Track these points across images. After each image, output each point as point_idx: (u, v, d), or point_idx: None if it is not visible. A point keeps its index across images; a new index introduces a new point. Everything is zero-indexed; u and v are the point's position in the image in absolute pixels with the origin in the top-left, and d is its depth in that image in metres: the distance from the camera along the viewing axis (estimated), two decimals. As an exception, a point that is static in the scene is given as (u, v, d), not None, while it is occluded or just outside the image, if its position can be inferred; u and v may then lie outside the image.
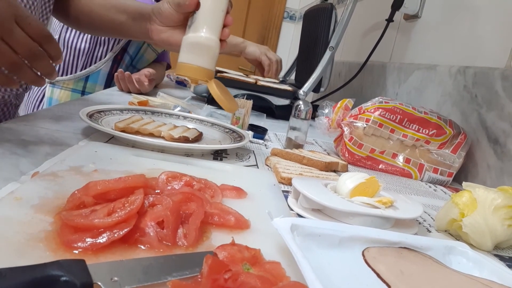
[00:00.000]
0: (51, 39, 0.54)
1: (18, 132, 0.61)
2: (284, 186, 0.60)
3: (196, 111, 1.01)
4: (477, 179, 0.81)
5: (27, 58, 0.52)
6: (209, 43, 0.65)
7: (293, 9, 3.22)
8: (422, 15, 1.19)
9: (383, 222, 0.48)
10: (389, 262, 0.38)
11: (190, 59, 0.65)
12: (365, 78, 1.45)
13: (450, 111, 0.92)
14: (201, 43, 0.65)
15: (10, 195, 0.38)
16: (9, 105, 0.90)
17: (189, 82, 0.69)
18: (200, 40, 0.65)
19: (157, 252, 0.33)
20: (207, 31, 0.65)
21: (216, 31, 0.66)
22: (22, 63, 0.52)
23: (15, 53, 0.51)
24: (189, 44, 0.65)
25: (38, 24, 0.52)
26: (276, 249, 0.37)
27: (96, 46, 1.37)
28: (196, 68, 0.65)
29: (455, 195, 0.52)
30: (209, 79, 0.66)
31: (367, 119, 0.81)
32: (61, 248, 0.31)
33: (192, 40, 0.65)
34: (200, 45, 0.65)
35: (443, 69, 0.98)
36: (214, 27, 0.66)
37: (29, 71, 0.53)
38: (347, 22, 1.12)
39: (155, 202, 0.37)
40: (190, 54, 0.65)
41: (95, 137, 0.65)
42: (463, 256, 0.42)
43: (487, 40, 0.87)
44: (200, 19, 0.66)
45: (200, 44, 0.65)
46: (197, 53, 0.65)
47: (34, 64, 0.53)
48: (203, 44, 0.65)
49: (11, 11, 0.50)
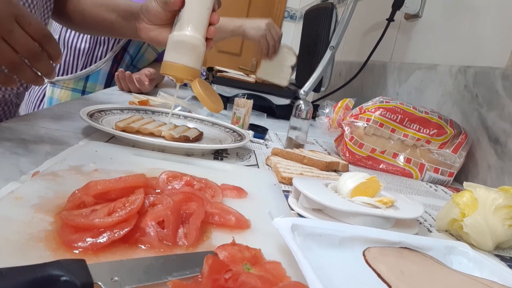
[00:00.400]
0: (51, 38, 0.54)
1: (19, 132, 0.61)
2: (285, 186, 0.60)
3: (196, 110, 1.01)
4: (477, 179, 0.81)
5: (27, 58, 0.52)
6: (193, 42, 0.64)
7: (294, 9, 3.22)
8: (422, 14, 1.19)
9: (383, 222, 0.48)
10: (390, 262, 0.38)
11: (174, 58, 0.64)
12: (365, 77, 1.45)
13: (450, 110, 0.92)
14: (186, 42, 0.64)
15: (10, 194, 0.37)
16: (10, 104, 0.90)
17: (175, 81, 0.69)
18: (184, 39, 0.64)
19: (158, 252, 0.33)
20: (192, 29, 0.65)
21: (201, 30, 0.66)
22: (22, 62, 0.52)
23: (15, 53, 0.51)
24: (174, 43, 0.65)
25: (39, 23, 0.52)
26: (277, 249, 0.37)
27: (96, 46, 1.37)
28: (180, 67, 0.64)
29: (456, 195, 0.52)
30: (193, 78, 0.65)
31: (367, 119, 0.81)
32: (61, 248, 0.31)
33: (176, 38, 0.65)
34: (185, 43, 0.64)
35: (444, 69, 0.98)
36: (199, 25, 0.65)
37: (29, 71, 0.53)
38: (347, 21, 1.12)
39: (156, 202, 0.37)
40: (174, 52, 0.65)
41: (96, 137, 0.65)
42: (464, 256, 0.42)
43: (488, 40, 0.87)
44: (185, 17, 0.65)
45: (184, 42, 0.64)
46: (181, 52, 0.64)
47: (34, 63, 0.53)
48: (187, 43, 0.64)
49: (11, 10, 0.50)
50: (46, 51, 0.54)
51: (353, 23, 1.18)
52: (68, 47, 1.37)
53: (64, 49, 1.38)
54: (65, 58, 1.38)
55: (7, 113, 0.90)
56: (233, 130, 0.82)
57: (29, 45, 0.52)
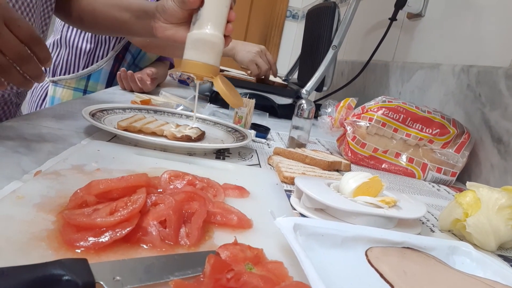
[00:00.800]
0: (40, 41, 0.53)
1: (21, 131, 0.61)
2: (287, 186, 0.60)
3: (198, 110, 1.01)
4: (480, 178, 0.80)
5: (15, 61, 0.52)
6: (213, 40, 0.65)
7: (296, 8, 3.22)
8: (425, 14, 1.19)
9: (386, 222, 0.48)
10: (392, 262, 0.38)
11: (195, 56, 0.65)
12: (368, 77, 1.44)
13: (453, 110, 0.92)
14: (206, 40, 0.65)
15: (13, 193, 0.37)
16: (10, 104, 0.90)
17: (195, 78, 0.69)
18: (204, 37, 0.65)
19: (160, 252, 0.33)
20: (211, 27, 0.65)
21: (221, 27, 0.66)
22: (10, 65, 0.51)
23: (3, 55, 0.50)
24: (194, 41, 0.65)
25: (28, 26, 0.52)
26: (279, 249, 0.37)
27: (98, 45, 1.37)
28: (201, 64, 0.65)
29: (459, 195, 0.52)
30: (214, 75, 0.66)
31: (370, 118, 0.81)
32: (63, 247, 0.31)
33: (196, 36, 0.65)
34: (205, 41, 0.65)
35: (447, 68, 0.97)
36: (219, 23, 0.66)
37: (17, 74, 0.53)
38: (350, 21, 1.11)
39: (158, 201, 0.37)
40: (194, 50, 0.65)
41: (98, 136, 0.65)
42: (467, 256, 0.42)
43: (491, 39, 0.87)
44: (204, 16, 0.66)
45: (204, 40, 0.65)
46: (201, 50, 0.65)
47: (22, 66, 0.52)
48: (207, 41, 0.65)
49: (0, 13, 0.49)
50: (35, 54, 0.53)
51: (355, 23, 1.17)
52: (70, 47, 1.37)
53: (66, 48, 1.38)
54: (67, 58, 1.38)
55: (7, 113, 0.90)
56: (235, 130, 0.82)
57: (18, 48, 0.51)
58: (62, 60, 1.39)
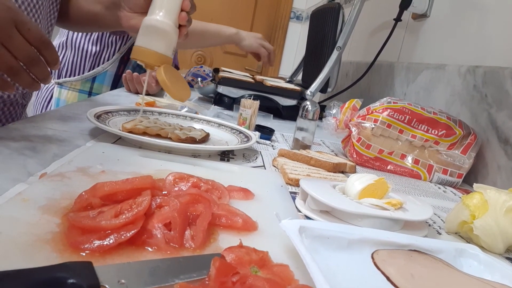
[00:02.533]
0: (49, 45, 0.55)
1: (26, 133, 0.61)
2: (292, 187, 0.59)
3: (203, 111, 1.01)
4: (487, 180, 0.80)
5: (25, 63, 0.53)
6: (163, 27, 0.64)
7: (300, 9, 3.21)
8: (430, 14, 1.18)
9: (392, 224, 0.48)
10: (399, 265, 0.38)
11: (144, 43, 0.64)
12: (373, 78, 1.44)
13: (459, 111, 0.91)
14: (156, 26, 0.64)
15: (18, 196, 0.38)
16: (16, 105, 0.90)
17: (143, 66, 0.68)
18: (155, 23, 0.64)
19: (164, 254, 0.33)
20: (162, 14, 0.65)
21: (172, 15, 0.65)
22: (20, 67, 0.53)
23: (14, 58, 0.52)
24: (144, 27, 0.65)
25: (37, 30, 0.53)
26: (284, 252, 0.37)
27: (103, 48, 1.38)
28: (150, 52, 0.64)
29: (466, 197, 0.51)
30: (163, 64, 0.65)
31: (375, 120, 0.80)
32: (68, 250, 0.31)
33: (147, 23, 0.65)
34: (155, 28, 0.64)
35: (452, 69, 0.97)
36: (170, 11, 0.65)
37: (26, 76, 0.54)
38: (354, 21, 1.11)
39: (162, 204, 0.37)
40: (145, 37, 0.64)
41: (103, 138, 0.65)
42: (474, 259, 0.42)
43: (497, 39, 0.86)
44: (157, 2, 0.65)
45: (154, 27, 0.64)
46: (151, 37, 0.64)
47: (31, 69, 0.54)
48: (157, 28, 0.64)
49: (11, 16, 0.50)
50: (43, 56, 0.55)
51: (359, 23, 1.17)
52: (76, 49, 1.38)
53: (71, 50, 1.39)
54: (72, 60, 1.39)
55: (13, 114, 0.91)
56: (240, 131, 0.81)
57: (28, 51, 0.52)
58: (68, 62, 1.39)
